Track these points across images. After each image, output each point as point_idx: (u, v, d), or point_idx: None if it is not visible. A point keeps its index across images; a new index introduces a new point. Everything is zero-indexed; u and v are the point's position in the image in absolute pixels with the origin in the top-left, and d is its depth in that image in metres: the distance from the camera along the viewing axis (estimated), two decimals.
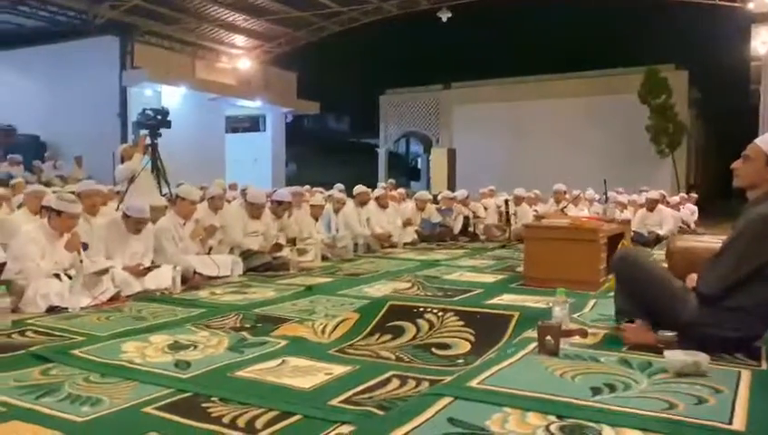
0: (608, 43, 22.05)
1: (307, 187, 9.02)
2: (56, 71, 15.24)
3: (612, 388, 2.30)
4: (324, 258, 6.76)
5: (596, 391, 2.27)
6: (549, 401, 2.16)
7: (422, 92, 23.31)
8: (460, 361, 2.98)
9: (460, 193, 10.19)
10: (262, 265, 5.92)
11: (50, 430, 2.10)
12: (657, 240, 8.64)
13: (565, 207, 8.21)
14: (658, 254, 6.66)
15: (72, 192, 5.17)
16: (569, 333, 2.87)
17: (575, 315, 3.46)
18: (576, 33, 22.53)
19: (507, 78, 21.58)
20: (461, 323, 3.40)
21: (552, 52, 22.91)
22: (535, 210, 9.52)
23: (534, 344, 2.83)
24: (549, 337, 2.73)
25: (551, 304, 3.22)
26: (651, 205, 9.44)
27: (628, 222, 6.55)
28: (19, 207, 6.31)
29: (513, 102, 20.95)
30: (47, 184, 10.35)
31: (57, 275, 4.18)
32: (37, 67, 15.52)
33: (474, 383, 2.35)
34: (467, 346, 3.17)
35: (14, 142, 15.08)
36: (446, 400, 2.17)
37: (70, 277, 4.21)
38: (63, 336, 3.40)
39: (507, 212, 9.29)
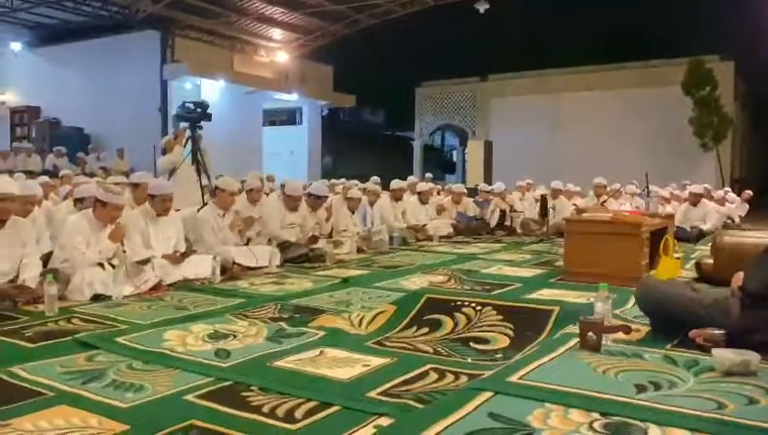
0: (650, 33, 21.50)
1: (343, 180, 9.07)
2: (99, 65, 15.60)
3: (658, 386, 2.24)
4: (360, 251, 6.77)
5: (641, 388, 2.22)
6: (592, 398, 2.11)
7: (458, 85, 23.15)
8: (499, 355, 2.94)
9: (497, 186, 10.08)
10: (299, 257, 5.97)
11: (96, 415, 2.14)
12: (701, 236, 8.41)
13: (605, 201, 8.03)
14: (703, 250, 6.49)
15: (133, 183, 5.32)
16: (611, 330, 2.81)
17: (617, 311, 3.39)
18: (617, 24, 22.02)
19: (546, 70, 21.26)
20: (499, 317, 3.35)
21: (591, 43, 22.42)
22: (574, 204, 9.36)
23: (575, 340, 2.78)
24: (591, 333, 2.68)
25: (592, 300, 3.16)
26: (695, 199, 9.19)
27: (671, 217, 6.38)
28: (65, 198, 6.49)
29: (551, 95, 20.64)
30: (90, 175, 10.63)
31: (101, 265, 4.28)
32: (81, 62, 15.91)
33: (514, 378, 2.32)
34: (506, 341, 3.13)
35: (60, 135, 15.55)
36: (487, 394, 2.14)
37: (113, 266, 4.31)
38: (108, 324, 3.48)
39: (545, 206, 9.16)
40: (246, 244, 5.71)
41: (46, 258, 4.40)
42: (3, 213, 3.95)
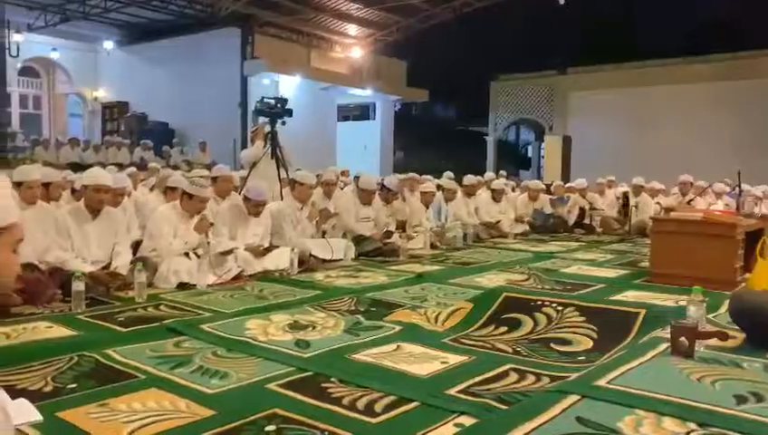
0: (740, 22, 20.23)
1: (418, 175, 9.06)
2: (184, 62, 16.20)
3: (760, 398, 2.10)
4: (433, 246, 6.72)
5: (741, 399, 2.08)
6: (687, 407, 2.00)
7: (535, 78, 22.57)
8: (581, 358, 2.85)
9: (579, 182, 9.77)
10: (373, 251, 6.00)
11: (184, 399, 2.22)
12: None
13: (692, 199, 7.63)
14: None
15: (213, 176, 5.50)
16: (706, 335, 2.66)
17: (710, 316, 3.20)
18: (703, 13, 20.86)
19: (628, 62, 20.41)
20: (582, 318, 3.24)
21: (677, 33, 21.35)
22: (657, 202, 8.95)
23: (665, 345, 2.65)
24: (683, 338, 2.55)
25: (681, 303, 3.01)
26: None
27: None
28: (151, 189, 6.79)
29: (634, 88, 19.77)
30: (174, 168, 11.10)
31: (187, 254, 4.44)
32: (167, 59, 16.57)
33: (602, 382, 2.23)
34: (589, 343, 3.02)
35: (146, 129, 16.31)
36: (573, 398, 2.07)
37: (198, 256, 4.46)
38: (193, 311, 3.61)
39: (626, 204, 8.81)
40: (322, 236, 5.80)
41: (136, 246, 4.61)
42: (98, 203, 4.17)
